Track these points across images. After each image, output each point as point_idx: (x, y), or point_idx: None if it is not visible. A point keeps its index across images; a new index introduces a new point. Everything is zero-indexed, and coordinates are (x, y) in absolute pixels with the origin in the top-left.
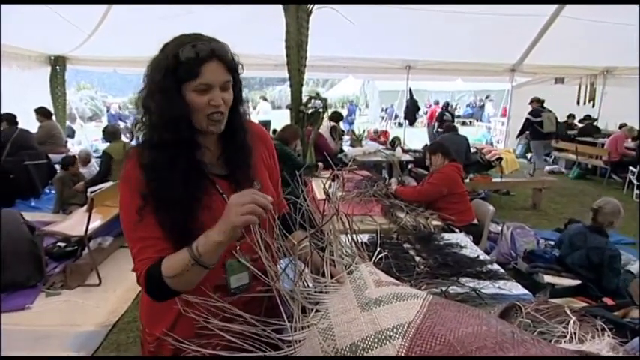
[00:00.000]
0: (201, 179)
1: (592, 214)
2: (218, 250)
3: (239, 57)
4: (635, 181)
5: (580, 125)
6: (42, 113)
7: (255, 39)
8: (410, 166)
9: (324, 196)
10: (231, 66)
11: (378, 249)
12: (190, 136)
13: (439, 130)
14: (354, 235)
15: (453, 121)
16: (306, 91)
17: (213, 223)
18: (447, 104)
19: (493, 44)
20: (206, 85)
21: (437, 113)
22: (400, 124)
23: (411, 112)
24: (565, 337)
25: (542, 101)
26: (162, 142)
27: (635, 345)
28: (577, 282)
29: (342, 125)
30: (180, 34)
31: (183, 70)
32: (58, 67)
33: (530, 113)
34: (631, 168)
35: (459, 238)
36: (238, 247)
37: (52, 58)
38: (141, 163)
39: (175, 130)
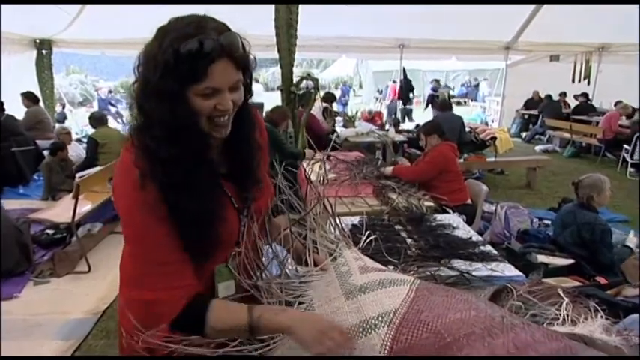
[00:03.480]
0: (217, 185)
1: (574, 190)
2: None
3: (249, 42)
4: (628, 159)
5: (575, 103)
6: (29, 98)
7: (245, 19)
8: (404, 146)
9: (314, 178)
10: (243, 62)
11: (367, 232)
12: (205, 143)
13: (405, 106)
14: (338, 221)
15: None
16: (299, 73)
17: (225, 232)
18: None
19: (487, 22)
20: (213, 89)
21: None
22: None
23: (405, 91)
24: (558, 319)
25: (439, 80)
26: (172, 157)
27: (627, 324)
28: (570, 261)
29: (336, 106)
30: (180, 18)
31: (186, 71)
32: (44, 51)
33: (432, 89)
34: (625, 146)
35: (452, 219)
36: (233, 253)
37: (38, 41)
38: (159, 182)
39: (186, 143)
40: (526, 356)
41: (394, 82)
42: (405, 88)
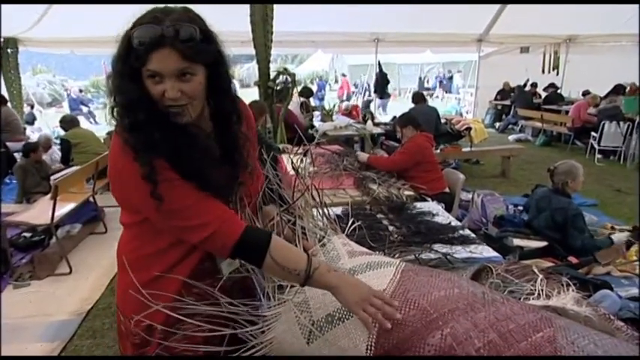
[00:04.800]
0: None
1: (550, 176)
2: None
3: (214, 36)
4: (596, 146)
5: (544, 93)
6: None
7: (220, 14)
8: (381, 139)
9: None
10: (190, 53)
11: (351, 220)
12: (157, 118)
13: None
14: (325, 209)
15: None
16: (274, 68)
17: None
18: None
19: (460, 15)
20: (154, 72)
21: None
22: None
23: (381, 85)
24: (533, 294)
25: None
26: (137, 124)
27: (597, 298)
28: (544, 244)
29: (313, 101)
30: (152, 9)
31: (134, 56)
32: (9, 50)
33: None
34: (593, 133)
35: (431, 206)
36: None
37: (2, 40)
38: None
39: (144, 111)
40: (528, 356)
41: (344, 75)
42: (381, 82)
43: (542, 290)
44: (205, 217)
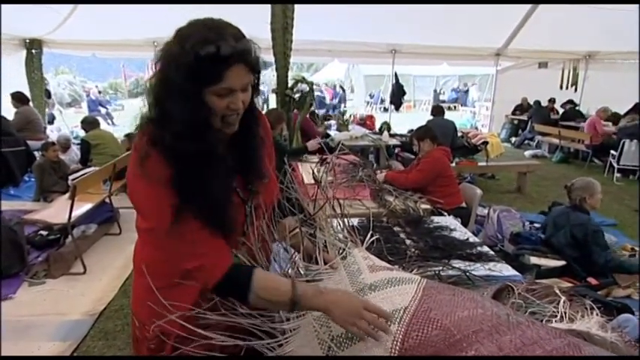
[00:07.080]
0: (228, 175)
1: (567, 193)
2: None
3: (259, 46)
4: (615, 165)
5: (562, 110)
6: (17, 98)
7: (238, 21)
8: (397, 150)
9: (311, 180)
10: (255, 66)
11: (370, 233)
12: (217, 139)
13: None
14: (346, 220)
15: None
16: (290, 77)
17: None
18: None
19: (478, 28)
20: (229, 89)
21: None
22: (386, 109)
23: (397, 96)
24: (556, 316)
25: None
26: (190, 152)
27: (621, 321)
28: (562, 263)
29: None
30: (200, 22)
31: (206, 73)
32: (33, 51)
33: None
34: (612, 152)
35: (449, 221)
36: (242, 243)
37: (27, 41)
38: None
39: (202, 139)
40: (518, 356)
41: (327, 85)
42: (397, 93)
43: (565, 313)
44: (200, 248)
